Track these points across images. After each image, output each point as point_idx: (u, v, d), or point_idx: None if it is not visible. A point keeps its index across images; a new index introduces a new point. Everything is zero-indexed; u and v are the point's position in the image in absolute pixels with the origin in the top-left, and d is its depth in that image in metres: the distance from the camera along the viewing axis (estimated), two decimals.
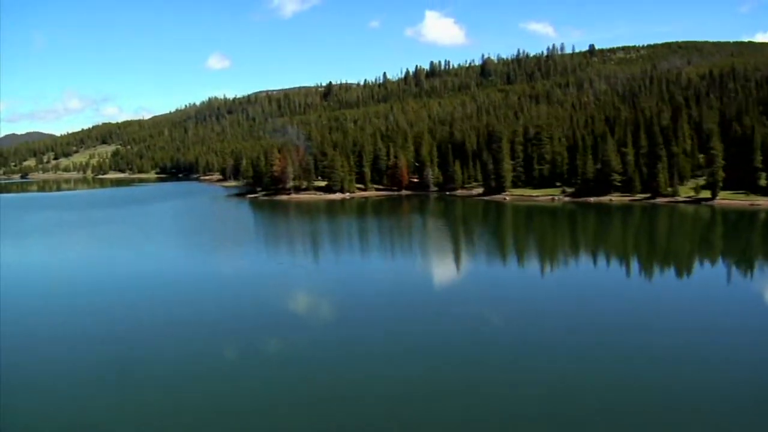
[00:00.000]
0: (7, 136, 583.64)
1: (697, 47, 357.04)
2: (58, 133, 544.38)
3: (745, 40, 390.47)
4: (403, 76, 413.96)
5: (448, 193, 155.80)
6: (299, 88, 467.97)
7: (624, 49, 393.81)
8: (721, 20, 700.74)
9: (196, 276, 70.31)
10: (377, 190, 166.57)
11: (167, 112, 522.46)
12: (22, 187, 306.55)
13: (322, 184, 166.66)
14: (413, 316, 50.54)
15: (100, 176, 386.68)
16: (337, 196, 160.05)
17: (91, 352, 42.70)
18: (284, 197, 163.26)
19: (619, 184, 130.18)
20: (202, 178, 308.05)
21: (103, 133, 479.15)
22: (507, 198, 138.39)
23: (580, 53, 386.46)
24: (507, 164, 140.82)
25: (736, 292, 59.53)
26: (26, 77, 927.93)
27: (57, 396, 35.82)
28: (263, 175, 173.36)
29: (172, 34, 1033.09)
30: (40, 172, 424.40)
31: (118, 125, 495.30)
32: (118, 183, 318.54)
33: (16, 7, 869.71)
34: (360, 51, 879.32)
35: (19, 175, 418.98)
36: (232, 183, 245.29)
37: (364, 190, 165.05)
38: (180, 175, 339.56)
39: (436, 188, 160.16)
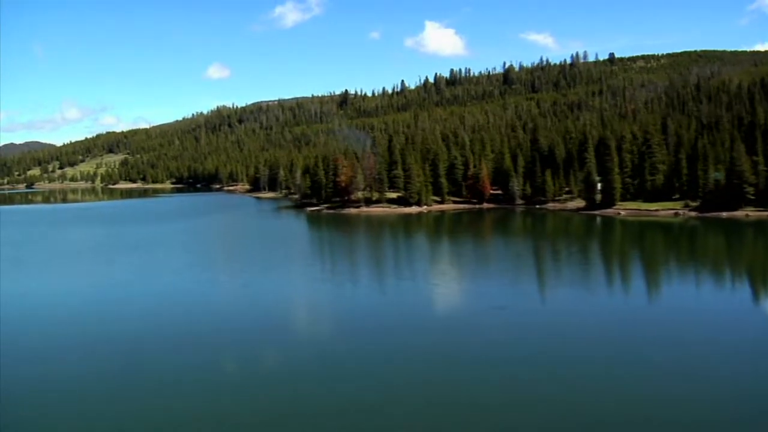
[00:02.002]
0: (5, 146, 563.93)
1: (716, 56, 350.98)
2: (56, 143, 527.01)
3: (761, 49, 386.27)
4: (422, 83, 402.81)
5: (537, 206, 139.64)
6: (312, 96, 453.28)
7: (644, 58, 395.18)
8: (721, 32, 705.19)
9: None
10: (454, 202, 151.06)
11: (169, 121, 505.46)
12: (27, 198, 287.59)
13: (393, 195, 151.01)
14: None
15: (111, 186, 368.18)
16: (413, 209, 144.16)
17: None
18: (353, 211, 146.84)
19: (752, 197, 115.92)
20: (226, 188, 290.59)
21: (110, 142, 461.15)
22: (621, 213, 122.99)
23: (601, 62, 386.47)
24: (617, 175, 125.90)
25: None
26: (25, 87, 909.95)
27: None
28: (323, 186, 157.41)
29: (172, 45, 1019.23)
30: (46, 181, 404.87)
31: (124, 134, 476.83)
32: (129, 194, 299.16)
33: (16, 18, 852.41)
34: (361, 61, 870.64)
35: (24, 184, 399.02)
36: (268, 194, 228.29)
37: (441, 202, 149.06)
38: (198, 186, 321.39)
39: (522, 201, 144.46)
